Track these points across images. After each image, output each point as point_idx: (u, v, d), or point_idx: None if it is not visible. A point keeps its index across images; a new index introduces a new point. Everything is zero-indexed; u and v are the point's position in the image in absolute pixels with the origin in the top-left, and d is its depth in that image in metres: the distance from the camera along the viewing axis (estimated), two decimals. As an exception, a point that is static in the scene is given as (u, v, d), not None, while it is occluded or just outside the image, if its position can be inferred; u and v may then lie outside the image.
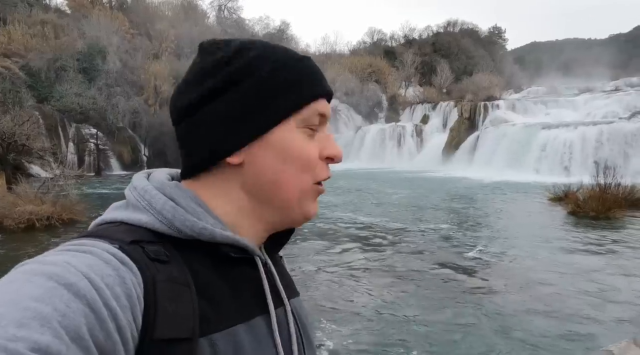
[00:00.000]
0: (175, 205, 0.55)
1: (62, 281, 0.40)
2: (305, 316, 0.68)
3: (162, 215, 0.54)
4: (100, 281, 0.43)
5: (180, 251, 0.53)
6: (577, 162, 22.45)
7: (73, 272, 0.42)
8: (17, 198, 11.09)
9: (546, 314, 5.39)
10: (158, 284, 0.48)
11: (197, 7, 49.57)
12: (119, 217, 0.55)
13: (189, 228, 0.53)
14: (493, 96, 36.55)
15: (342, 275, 6.95)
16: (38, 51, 29.59)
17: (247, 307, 0.56)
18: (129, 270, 0.46)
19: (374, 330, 4.98)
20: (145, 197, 0.56)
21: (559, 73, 58.64)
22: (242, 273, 0.58)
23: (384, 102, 46.50)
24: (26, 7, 35.37)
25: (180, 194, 0.56)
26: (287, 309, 0.61)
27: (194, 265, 0.53)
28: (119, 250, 0.48)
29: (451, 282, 6.61)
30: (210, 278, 0.53)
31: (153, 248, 0.51)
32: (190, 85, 0.58)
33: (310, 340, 0.66)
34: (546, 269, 7.29)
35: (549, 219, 11.79)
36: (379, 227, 10.65)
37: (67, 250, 0.46)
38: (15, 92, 23.02)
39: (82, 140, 28.28)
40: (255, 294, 0.58)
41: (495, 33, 69.29)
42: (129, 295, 0.45)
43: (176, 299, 0.48)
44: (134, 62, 34.06)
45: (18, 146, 15.16)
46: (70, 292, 0.40)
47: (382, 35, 63.99)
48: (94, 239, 0.49)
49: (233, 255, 0.56)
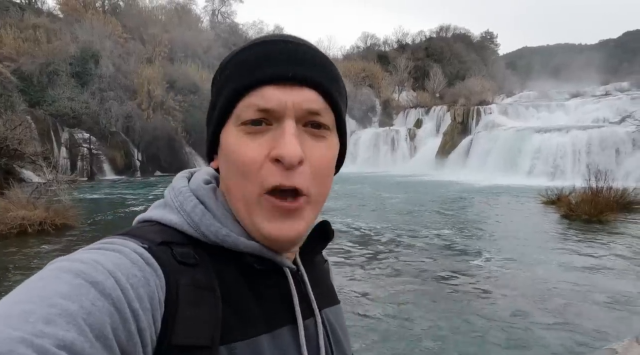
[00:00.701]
0: (204, 209, 0.54)
1: (90, 279, 0.40)
2: (342, 327, 0.65)
3: (191, 217, 0.53)
4: (125, 281, 0.43)
5: (209, 256, 0.52)
6: (569, 165, 22.68)
7: (100, 270, 0.42)
8: (9, 203, 10.97)
9: (544, 315, 5.42)
10: (181, 288, 0.47)
11: (190, 11, 49.57)
12: (155, 216, 0.55)
13: (213, 234, 0.52)
14: (485, 101, 36.85)
15: (342, 285, 6.93)
16: (30, 55, 29.42)
17: (273, 317, 0.54)
18: (154, 272, 0.46)
19: (380, 341, 4.98)
20: (179, 198, 0.56)
21: (550, 78, 59.26)
22: (270, 281, 0.56)
23: (377, 106, 46.72)
24: (18, 11, 35.15)
25: (213, 197, 0.56)
26: (317, 320, 0.58)
27: (221, 270, 0.52)
28: (147, 251, 0.47)
29: (450, 287, 6.59)
30: (237, 285, 0.52)
31: (182, 250, 0.50)
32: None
33: (344, 352, 0.63)
34: (542, 271, 7.34)
35: (542, 222, 11.88)
36: (377, 233, 10.57)
37: (97, 249, 0.46)
38: (7, 96, 22.86)
39: (74, 144, 28.10)
40: (283, 303, 0.56)
41: (487, 38, 69.97)
42: (151, 297, 0.44)
43: (198, 304, 0.47)
44: (127, 67, 33.94)
45: (10, 151, 15.04)
46: (96, 290, 0.40)
47: (375, 40, 64.45)
48: (125, 238, 0.49)
49: (257, 266, 0.54)
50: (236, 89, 0.52)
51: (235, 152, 0.52)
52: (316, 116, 0.53)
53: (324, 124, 0.54)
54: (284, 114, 0.51)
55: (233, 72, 0.53)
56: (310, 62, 0.53)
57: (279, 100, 0.51)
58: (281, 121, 0.51)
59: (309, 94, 0.52)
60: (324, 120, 0.54)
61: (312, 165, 0.52)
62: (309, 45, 0.55)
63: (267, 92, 0.51)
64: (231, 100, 0.52)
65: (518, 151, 24.90)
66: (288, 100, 0.51)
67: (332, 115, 0.55)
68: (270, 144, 0.51)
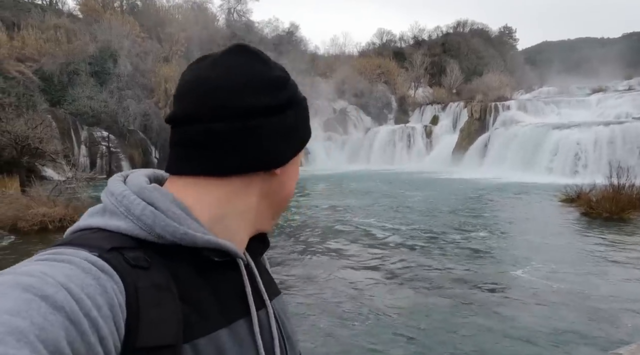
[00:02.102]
0: (154, 210, 0.53)
1: (39, 293, 0.39)
2: (287, 316, 0.68)
3: (142, 221, 0.52)
4: (80, 291, 0.41)
5: (162, 256, 0.52)
6: (589, 162, 22.16)
7: (50, 282, 0.40)
8: (30, 200, 11.26)
9: (566, 317, 5.32)
10: (140, 291, 0.47)
11: (207, 10, 49.92)
12: (95, 223, 0.53)
13: (170, 234, 0.52)
14: (503, 96, 36.24)
15: (370, 286, 6.87)
16: (51, 55, 30.01)
17: (229, 310, 0.56)
18: (110, 278, 0.45)
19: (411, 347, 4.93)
20: (123, 203, 0.54)
21: (571, 73, 57.90)
22: (224, 276, 0.57)
23: (393, 103, 46.36)
24: (39, 13, 35.90)
25: (160, 197, 0.55)
26: (268, 311, 0.62)
27: (176, 270, 0.52)
28: (99, 258, 0.47)
29: (477, 295, 6.40)
30: (193, 282, 0.53)
31: (133, 254, 0.50)
32: (252, 89, 0.58)
33: (292, 341, 0.67)
34: (564, 272, 7.20)
35: (562, 220, 11.65)
36: (404, 235, 10.09)
37: (43, 260, 0.44)
38: (29, 96, 23.40)
39: (94, 143, 28.60)
40: (237, 296, 0.58)
41: (505, 33, 68.79)
42: (111, 304, 0.44)
43: (159, 305, 0.48)
44: (145, 66, 34.38)
45: (31, 149, 15.39)
46: (47, 304, 0.38)
47: (391, 36, 63.89)
48: (72, 247, 0.48)
49: (216, 259, 0.55)
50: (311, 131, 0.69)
51: (296, 178, 0.68)
52: None
53: None
54: None
55: (307, 117, 0.67)
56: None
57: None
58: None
59: None
60: None
61: None
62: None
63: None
64: (310, 135, 0.69)
65: (537, 148, 24.43)
66: None
67: None
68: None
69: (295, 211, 13.51)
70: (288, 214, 12.89)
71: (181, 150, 0.58)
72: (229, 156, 0.58)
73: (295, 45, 49.67)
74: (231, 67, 0.59)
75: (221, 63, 0.59)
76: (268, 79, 0.60)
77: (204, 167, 0.58)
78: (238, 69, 0.59)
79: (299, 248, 9.02)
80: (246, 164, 0.59)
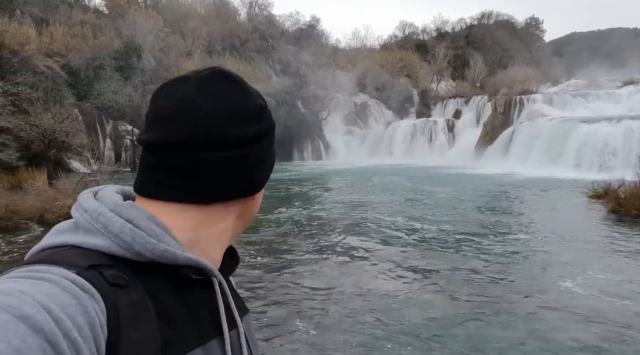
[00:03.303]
0: (133, 227, 0.52)
1: (18, 313, 0.38)
2: (253, 335, 0.69)
3: (120, 238, 0.51)
4: (60, 312, 0.40)
5: (138, 275, 0.51)
6: (618, 157, 21.44)
7: (29, 302, 0.39)
8: (57, 192, 11.57)
9: (596, 322, 5.17)
10: (120, 310, 0.46)
11: (228, 4, 50.13)
12: (67, 241, 0.52)
13: (150, 251, 0.52)
14: (529, 90, 35.32)
15: (402, 292, 6.70)
16: (78, 51, 30.67)
17: (204, 329, 0.56)
18: (91, 297, 0.44)
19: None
20: (99, 220, 0.53)
21: (601, 64, 55.95)
22: (198, 295, 0.57)
23: (415, 96, 45.74)
24: (67, 9, 36.72)
25: (137, 214, 0.54)
26: (239, 330, 0.62)
27: (153, 288, 0.52)
28: (78, 276, 0.45)
29: (513, 296, 6.24)
30: (169, 301, 0.53)
31: (111, 273, 0.49)
32: (237, 118, 0.58)
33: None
34: (593, 273, 7.01)
35: (589, 217, 11.32)
36: (433, 234, 9.65)
37: (21, 278, 0.43)
38: (57, 90, 23.99)
39: (118, 136, 29.21)
40: (211, 315, 0.58)
41: (532, 24, 66.83)
42: (92, 324, 0.43)
43: (138, 324, 0.47)
44: (168, 60, 34.82)
45: (58, 143, 15.81)
46: (26, 325, 0.37)
47: (413, 28, 62.90)
48: (47, 265, 0.46)
49: (194, 276, 0.55)
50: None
51: (259, 204, 0.68)
52: None
53: None
54: None
55: (274, 140, 0.68)
56: None
57: None
58: None
59: None
60: None
61: None
62: None
63: None
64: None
65: (563, 142, 23.75)
66: None
67: None
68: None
69: (319, 207, 13.44)
70: (312, 210, 12.83)
71: (161, 175, 0.57)
72: (215, 185, 0.58)
73: (317, 38, 49.43)
74: (217, 95, 0.58)
75: (206, 89, 0.57)
76: (252, 108, 0.60)
77: (188, 194, 0.57)
78: (224, 96, 0.58)
79: (326, 246, 8.80)
80: (230, 193, 0.60)
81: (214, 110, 0.57)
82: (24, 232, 9.92)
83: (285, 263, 7.59)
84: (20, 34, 24.48)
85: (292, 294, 6.10)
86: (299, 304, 5.74)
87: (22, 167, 16.02)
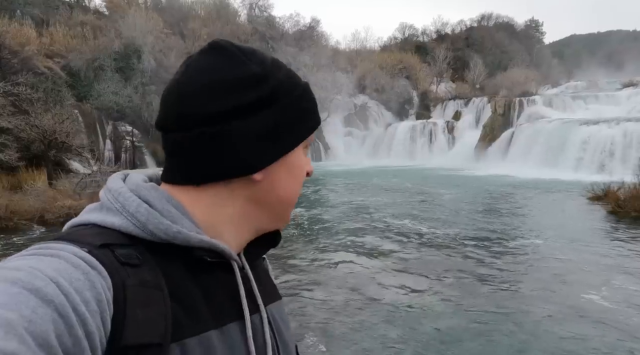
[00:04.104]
0: (149, 207, 0.53)
1: (28, 286, 0.39)
2: (285, 322, 0.67)
3: (136, 218, 0.52)
4: (68, 286, 0.41)
5: (154, 254, 0.52)
6: (618, 159, 21.46)
7: (39, 276, 0.40)
8: (57, 193, 11.59)
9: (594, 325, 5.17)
10: (128, 289, 0.47)
11: (228, 5, 50.19)
12: (91, 219, 0.54)
13: (163, 231, 0.52)
14: (529, 91, 35.36)
15: (415, 300, 6.63)
16: (78, 51, 30.69)
17: (221, 312, 0.55)
18: (99, 274, 0.45)
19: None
20: (119, 199, 0.54)
21: (600, 67, 56.09)
22: (217, 278, 0.56)
23: (414, 98, 45.77)
24: (67, 9, 36.77)
25: (156, 195, 0.55)
26: (262, 316, 0.60)
27: (168, 268, 0.52)
28: (88, 253, 0.46)
29: (531, 307, 6.12)
30: (184, 282, 0.52)
31: (124, 251, 0.50)
32: (214, 92, 0.55)
33: (289, 349, 0.65)
34: (592, 274, 7.01)
35: (589, 219, 11.33)
36: (437, 238, 9.42)
37: (32, 255, 0.44)
38: (57, 91, 23.98)
39: (118, 137, 29.19)
40: (230, 299, 0.57)
41: (532, 26, 66.89)
42: (98, 300, 0.43)
43: (147, 303, 0.47)
44: (168, 61, 34.84)
45: (59, 143, 15.82)
46: (37, 298, 0.38)
47: (413, 30, 62.96)
48: (62, 243, 0.47)
49: (208, 259, 0.55)
50: (319, 122, 0.65)
51: (303, 167, 0.64)
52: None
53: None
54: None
55: (314, 106, 0.64)
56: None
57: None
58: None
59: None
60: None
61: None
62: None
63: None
64: (314, 128, 0.64)
65: (563, 144, 23.78)
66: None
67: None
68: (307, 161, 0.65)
69: (321, 210, 13.40)
70: (314, 214, 12.76)
71: (167, 158, 0.60)
72: (196, 165, 0.56)
73: (317, 40, 49.47)
74: (198, 70, 0.57)
75: (192, 66, 0.57)
76: (237, 77, 0.56)
77: (181, 176, 0.58)
78: (204, 70, 0.56)
79: (328, 251, 8.55)
80: (215, 172, 0.56)
81: (195, 86, 0.55)
82: (24, 233, 9.92)
83: (288, 270, 7.31)
84: (20, 35, 24.50)
85: (298, 303, 5.84)
86: (306, 315, 5.44)
87: (22, 167, 16.00)
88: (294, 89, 0.60)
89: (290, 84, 0.60)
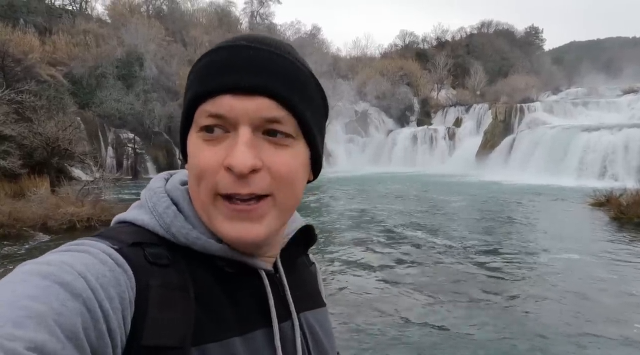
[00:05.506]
0: (177, 210, 0.53)
1: (59, 280, 0.40)
2: (325, 330, 0.63)
3: (162, 219, 0.53)
4: (95, 282, 0.42)
5: (183, 256, 0.52)
6: (620, 166, 21.47)
7: (69, 271, 0.41)
8: (59, 200, 11.59)
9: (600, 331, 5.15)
10: (151, 289, 0.47)
11: (230, 13, 50.58)
12: (128, 217, 0.55)
13: (184, 236, 0.52)
14: (529, 98, 35.52)
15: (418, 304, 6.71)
16: (80, 59, 30.91)
17: (246, 319, 0.53)
18: (124, 272, 0.45)
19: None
20: (152, 199, 0.55)
21: (601, 73, 56.21)
22: (244, 283, 0.55)
23: (415, 105, 45.93)
24: (70, 18, 37.06)
25: (187, 198, 0.55)
26: (294, 323, 0.58)
27: (196, 271, 0.51)
28: (117, 251, 0.47)
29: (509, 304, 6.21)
30: (210, 287, 0.52)
31: (155, 251, 0.50)
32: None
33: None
34: (595, 280, 6.99)
35: (592, 225, 11.30)
36: (451, 247, 9.12)
37: (65, 251, 0.46)
38: (60, 98, 24.10)
39: (120, 144, 29.27)
40: (258, 305, 0.55)
41: (532, 33, 67.32)
42: (122, 297, 0.44)
43: (169, 305, 0.47)
44: (170, 69, 35.04)
45: (61, 150, 15.86)
46: (66, 291, 0.39)
47: (414, 37, 63.41)
48: (95, 239, 0.48)
49: (227, 270, 0.54)
50: (195, 96, 0.51)
51: (194, 158, 0.52)
52: (275, 124, 0.51)
53: (284, 132, 0.52)
54: (238, 122, 0.50)
55: (195, 79, 0.53)
56: (269, 69, 0.50)
57: (232, 107, 0.49)
58: (237, 129, 0.50)
59: (265, 102, 0.50)
60: (285, 128, 0.51)
61: (273, 172, 0.51)
62: (272, 50, 0.52)
63: (222, 100, 0.50)
64: (191, 106, 0.52)
65: (564, 150, 23.80)
66: (241, 108, 0.49)
67: (295, 123, 0.52)
68: (226, 152, 0.50)
69: (324, 219, 13.29)
70: (317, 223, 12.71)
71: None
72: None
73: (317, 47, 49.76)
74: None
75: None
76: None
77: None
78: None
79: (334, 263, 8.35)
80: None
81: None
82: (27, 240, 9.92)
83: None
84: (23, 43, 24.67)
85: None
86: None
87: (25, 174, 16.03)
88: (188, 76, 0.55)
89: (189, 73, 0.55)
